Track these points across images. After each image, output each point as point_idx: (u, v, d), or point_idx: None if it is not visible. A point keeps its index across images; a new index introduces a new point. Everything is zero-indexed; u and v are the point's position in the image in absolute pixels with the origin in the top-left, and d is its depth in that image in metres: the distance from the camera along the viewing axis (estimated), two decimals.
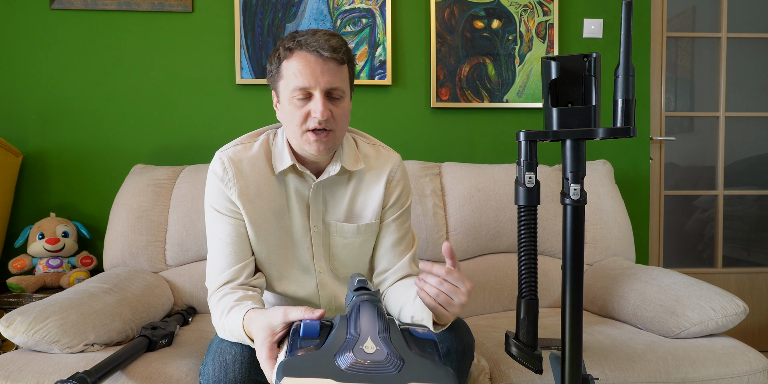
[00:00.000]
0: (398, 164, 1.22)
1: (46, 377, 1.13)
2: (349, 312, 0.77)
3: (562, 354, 0.90)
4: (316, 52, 1.03)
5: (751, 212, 2.56)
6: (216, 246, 1.12)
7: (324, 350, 0.70)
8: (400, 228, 1.21)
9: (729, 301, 1.36)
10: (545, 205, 1.82)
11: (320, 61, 1.04)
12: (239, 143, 1.16)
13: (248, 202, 1.12)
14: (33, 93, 2.01)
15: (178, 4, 2.03)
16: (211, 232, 1.14)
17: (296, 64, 1.04)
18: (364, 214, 1.19)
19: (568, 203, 0.87)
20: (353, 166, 1.16)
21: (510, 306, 1.78)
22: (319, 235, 1.18)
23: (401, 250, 1.21)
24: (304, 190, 1.16)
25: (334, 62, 1.05)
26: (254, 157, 1.14)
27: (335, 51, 1.03)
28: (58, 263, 1.87)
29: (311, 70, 1.03)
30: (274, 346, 0.85)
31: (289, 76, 1.06)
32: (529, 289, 0.90)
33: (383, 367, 0.68)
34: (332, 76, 1.05)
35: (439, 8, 2.10)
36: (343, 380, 0.66)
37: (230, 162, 1.12)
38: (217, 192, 1.12)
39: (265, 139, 1.17)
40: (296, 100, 1.06)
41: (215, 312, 1.06)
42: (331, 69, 1.05)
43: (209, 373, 0.99)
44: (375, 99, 2.11)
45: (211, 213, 1.14)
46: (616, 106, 0.84)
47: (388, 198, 1.20)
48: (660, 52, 2.38)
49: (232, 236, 1.12)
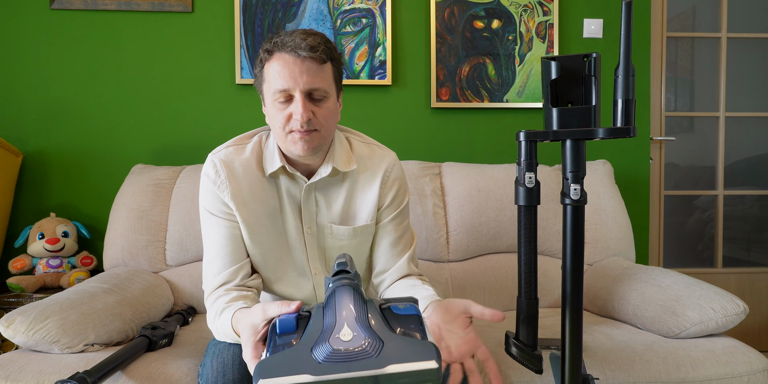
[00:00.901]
0: (393, 163, 1.19)
1: (46, 377, 1.14)
2: (326, 299, 0.75)
3: (562, 354, 0.90)
4: (293, 52, 1.00)
5: (751, 212, 2.56)
6: (211, 248, 1.12)
7: (301, 344, 0.68)
8: (397, 228, 1.19)
9: (729, 301, 1.36)
10: (545, 205, 1.82)
11: (298, 61, 1.00)
12: (231, 145, 1.14)
13: (241, 204, 1.10)
14: (33, 93, 2.01)
15: (178, 4, 2.03)
16: (206, 234, 1.13)
17: (276, 66, 1.02)
18: (360, 215, 1.17)
19: (568, 203, 0.87)
20: (345, 167, 1.13)
21: (510, 306, 1.78)
22: (312, 236, 1.16)
23: (399, 250, 1.19)
24: (296, 192, 1.14)
25: (313, 61, 1.01)
26: (246, 159, 1.12)
27: (313, 50, 1.00)
28: (58, 263, 1.87)
29: (289, 72, 1.00)
30: (259, 344, 0.83)
31: (269, 79, 1.03)
32: (529, 289, 0.90)
33: (362, 353, 0.66)
34: (312, 77, 1.01)
35: (439, 8, 2.10)
36: (321, 373, 0.64)
37: (222, 164, 1.10)
38: (211, 194, 1.11)
39: (257, 140, 1.16)
40: (278, 102, 1.03)
41: (210, 315, 1.06)
42: (310, 69, 1.01)
43: (207, 374, 0.99)
44: (375, 99, 2.11)
45: (205, 216, 1.13)
46: (616, 106, 0.83)
47: (384, 198, 1.17)
48: (660, 52, 2.38)
49: (227, 238, 1.11)
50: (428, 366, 0.65)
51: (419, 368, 0.65)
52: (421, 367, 0.65)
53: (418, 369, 0.65)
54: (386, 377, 0.64)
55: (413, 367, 0.65)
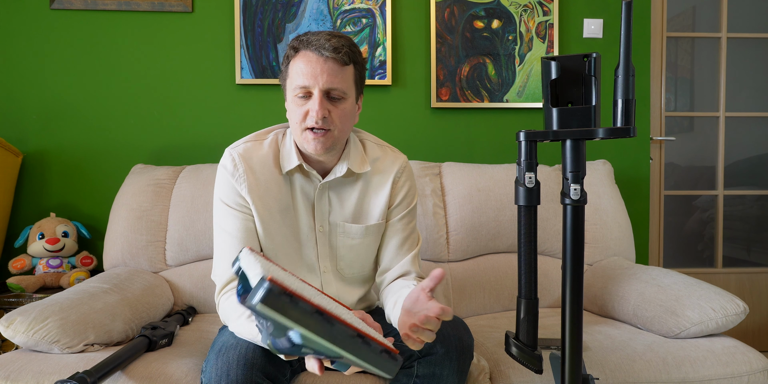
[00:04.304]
0: (405, 165, 1.24)
1: (46, 377, 1.14)
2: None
3: (562, 354, 0.90)
4: (317, 51, 1.05)
5: (751, 212, 2.56)
6: (225, 240, 1.14)
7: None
8: (405, 228, 1.22)
9: (729, 301, 1.36)
10: (545, 205, 1.82)
11: (321, 60, 1.05)
12: (249, 141, 1.18)
13: (257, 198, 1.13)
14: (33, 93, 2.01)
15: (178, 4, 2.03)
16: (220, 227, 1.15)
17: (299, 63, 1.07)
18: (372, 214, 1.20)
19: (568, 203, 0.87)
20: (359, 168, 1.17)
21: (510, 306, 1.78)
22: (324, 235, 1.19)
23: (405, 249, 1.22)
24: (310, 190, 1.17)
25: (335, 62, 1.06)
26: (263, 156, 1.16)
27: (336, 51, 1.05)
28: (58, 263, 1.87)
29: (311, 69, 1.05)
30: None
31: (292, 75, 1.08)
32: (529, 289, 0.90)
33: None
34: (332, 77, 1.06)
35: (439, 8, 2.10)
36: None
37: (241, 158, 1.14)
38: (228, 187, 1.14)
39: (274, 138, 1.19)
40: (297, 98, 1.08)
41: (228, 312, 1.07)
42: (332, 69, 1.06)
43: (211, 372, 1.00)
44: (375, 99, 2.11)
45: (220, 208, 1.15)
46: (616, 106, 0.84)
47: (395, 198, 1.21)
48: (660, 52, 2.38)
49: (242, 231, 1.13)
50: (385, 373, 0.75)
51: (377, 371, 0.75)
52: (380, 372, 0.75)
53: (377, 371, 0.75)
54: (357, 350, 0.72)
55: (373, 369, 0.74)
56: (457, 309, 1.75)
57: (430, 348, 1.06)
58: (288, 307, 0.67)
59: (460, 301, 1.75)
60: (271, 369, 1.02)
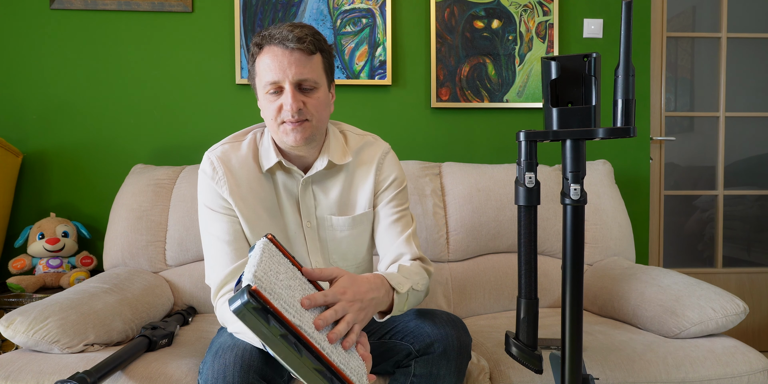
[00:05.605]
0: (387, 151, 1.23)
1: (46, 377, 1.13)
2: None
3: (562, 354, 0.90)
4: (281, 44, 1.03)
5: (751, 212, 2.56)
6: (214, 245, 1.13)
7: None
8: (395, 211, 1.20)
9: (729, 301, 1.36)
10: (545, 205, 1.82)
11: (286, 52, 1.03)
12: (227, 142, 1.17)
13: (240, 199, 1.12)
14: (33, 93, 2.01)
15: (178, 4, 2.03)
16: (207, 231, 1.14)
17: (266, 59, 1.05)
18: (358, 204, 1.20)
19: (568, 203, 0.87)
20: (341, 159, 1.16)
21: (510, 306, 1.78)
22: (312, 230, 1.19)
23: (397, 231, 1.19)
24: (293, 186, 1.17)
25: (302, 53, 1.04)
26: (243, 156, 1.15)
27: (300, 41, 1.03)
28: (58, 263, 1.87)
29: (278, 63, 1.04)
30: None
31: (260, 72, 1.07)
32: (529, 289, 0.90)
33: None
34: (301, 67, 1.04)
35: (439, 8, 2.10)
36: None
37: (219, 161, 1.13)
38: (210, 191, 1.13)
39: (252, 138, 1.18)
40: (269, 94, 1.07)
41: (226, 313, 1.06)
42: (299, 60, 1.04)
43: (208, 373, 1.00)
44: (375, 99, 2.11)
45: (205, 212, 1.14)
46: (616, 106, 0.84)
47: (381, 184, 1.20)
48: (660, 52, 2.38)
49: (230, 233, 1.12)
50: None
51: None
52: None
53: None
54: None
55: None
56: (457, 309, 1.75)
57: (428, 347, 1.06)
58: (259, 323, 0.67)
59: (460, 301, 1.76)
60: (269, 371, 1.01)
